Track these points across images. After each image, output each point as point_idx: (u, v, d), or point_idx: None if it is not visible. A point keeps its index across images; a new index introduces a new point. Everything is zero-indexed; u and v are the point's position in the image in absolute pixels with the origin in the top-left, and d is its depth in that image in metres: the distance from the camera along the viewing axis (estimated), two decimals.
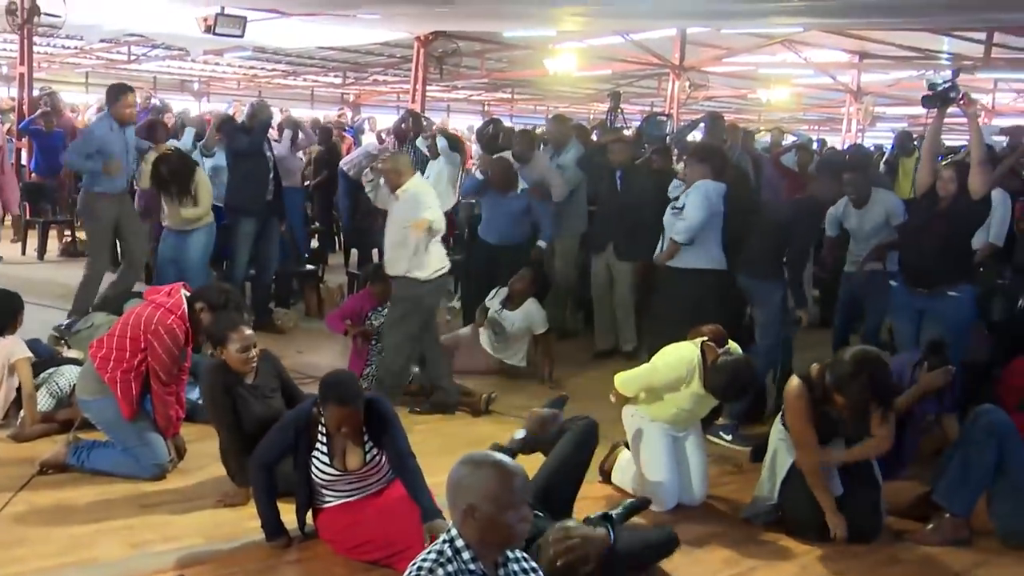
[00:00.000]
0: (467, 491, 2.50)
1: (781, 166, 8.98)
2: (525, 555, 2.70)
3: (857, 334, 6.93)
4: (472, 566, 2.51)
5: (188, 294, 4.88)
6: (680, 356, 4.80)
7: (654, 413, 4.90)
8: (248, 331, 4.66)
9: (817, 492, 4.49)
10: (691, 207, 6.09)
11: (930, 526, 4.59)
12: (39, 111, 11.62)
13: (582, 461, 4.37)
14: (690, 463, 4.91)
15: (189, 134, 9.27)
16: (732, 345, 4.91)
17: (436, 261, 6.12)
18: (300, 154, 10.79)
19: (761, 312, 6.23)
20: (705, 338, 4.85)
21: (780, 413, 4.69)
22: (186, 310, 4.77)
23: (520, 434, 4.29)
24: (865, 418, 4.53)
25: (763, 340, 6.14)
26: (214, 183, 8.20)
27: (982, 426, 4.50)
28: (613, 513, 3.97)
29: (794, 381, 4.59)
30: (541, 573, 2.71)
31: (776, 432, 4.69)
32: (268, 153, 8.09)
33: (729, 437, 5.86)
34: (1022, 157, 7.72)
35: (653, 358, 4.97)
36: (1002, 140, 8.81)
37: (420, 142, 9.01)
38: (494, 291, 7.28)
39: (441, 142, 9.01)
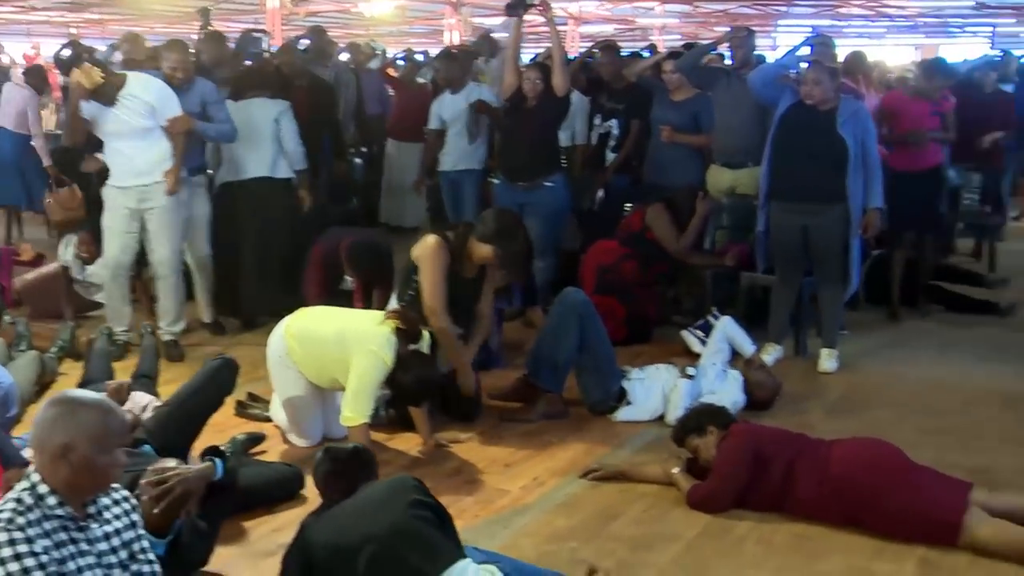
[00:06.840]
0: (64, 430, 2.37)
1: (391, 77, 9.92)
2: (115, 486, 2.60)
3: None
4: (60, 511, 2.39)
5: None
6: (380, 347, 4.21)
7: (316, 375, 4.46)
8: None
9: (452, 352, 4.72)
10: None
11: (531, 406, 4.93)
12: None
13: (214, 400, 4.06)
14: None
15: None
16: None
17: None
18: None
19: None
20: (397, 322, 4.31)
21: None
22: None
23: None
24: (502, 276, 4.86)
25: None
26: None
27: (566, 307, 4.89)
28: (223, 446, 3.82)
29: (431, 238, 4.73)
30: (133, 500, 2.64)
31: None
32: None
33: None
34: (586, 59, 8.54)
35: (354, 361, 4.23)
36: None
37: None
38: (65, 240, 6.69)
39: None
